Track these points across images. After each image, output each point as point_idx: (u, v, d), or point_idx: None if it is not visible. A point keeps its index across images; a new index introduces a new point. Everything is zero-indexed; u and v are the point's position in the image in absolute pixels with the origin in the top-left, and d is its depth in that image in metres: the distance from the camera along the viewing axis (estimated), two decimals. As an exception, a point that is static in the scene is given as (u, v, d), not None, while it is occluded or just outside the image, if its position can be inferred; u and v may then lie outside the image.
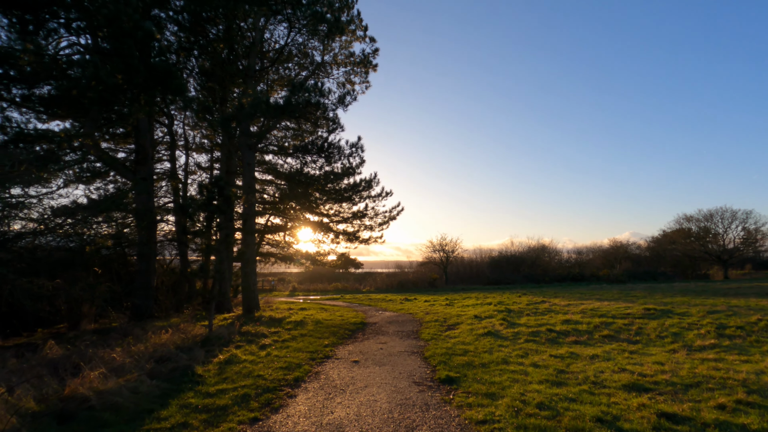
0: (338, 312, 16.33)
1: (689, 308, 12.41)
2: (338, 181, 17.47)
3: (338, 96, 12.13)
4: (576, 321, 10.73)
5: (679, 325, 9.68)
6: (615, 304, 14.03)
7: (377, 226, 19.89)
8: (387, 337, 10.24)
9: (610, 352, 7.36)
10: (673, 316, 10.99)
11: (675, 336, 8.68)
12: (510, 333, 9.65)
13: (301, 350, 8.27)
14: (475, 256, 51.53)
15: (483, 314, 12.91)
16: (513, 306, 14.73)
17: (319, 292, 35.91)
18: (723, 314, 11.09)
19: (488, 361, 6.96)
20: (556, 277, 43.23)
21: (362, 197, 18.58)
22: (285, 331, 10.52)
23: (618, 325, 9.95)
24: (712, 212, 44.27)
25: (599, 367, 6.22)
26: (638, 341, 8.40)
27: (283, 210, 20.03)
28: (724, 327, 9.23)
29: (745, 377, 5.30)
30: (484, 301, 17.82)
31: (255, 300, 13.84)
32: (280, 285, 45.38)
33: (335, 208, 19.39)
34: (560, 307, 14.26)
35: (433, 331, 10.59)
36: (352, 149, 13.53)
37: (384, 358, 7.67)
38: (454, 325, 11.49)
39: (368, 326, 12.22)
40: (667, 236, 49.14)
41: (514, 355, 7.42)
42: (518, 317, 12.11)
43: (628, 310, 12.27)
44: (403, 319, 13.82)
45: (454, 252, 43.50)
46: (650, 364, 6.19)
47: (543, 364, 6.61)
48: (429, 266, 44.82)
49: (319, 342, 9.23)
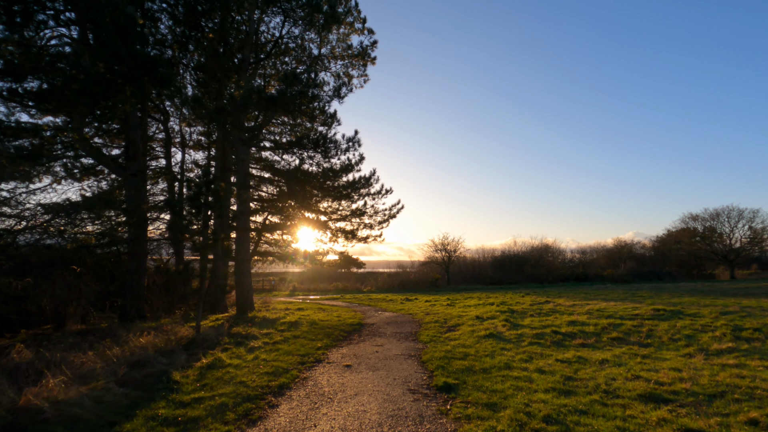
0: (336, 312, 15.86)
1: (700, 309, 11.87)
2: (337, 179, 17.02)
3: (333, 87, 11.66)
4: (582, 322, 10.22)
5: (691, 326, 9.16)
6: (622, 305, 13.50)
7: (377, 224, 19.41)
8: (384, 338, 9.76)
9: (621, 356, 6.85)
10: (684, 318, 10.46)
11: (689, 339, 8.16)
12: (513, 335, 9.15)
13: (292, 353, 7.80)
14: (478, 255, 51.03)
15: (485, 315, 12.42)
16: (516, 306, 14.23)
17: (319, 292, 35.47)
18: (737, 315, 10.55)
19: (490, 366, 6.47)
20: (559, 276, 42.64)
21: (361, 195, 18.10)
22: (277, 332, 10.06)
23: (627, 327, 9.43)
24: (718, 211, 43.55)
25: (610, 373, 5.72)
26: (650, 344, 7.88)
27: (280, 208, 19.60)
28: (739, 329, 8.71)
29: None
30: (486, 301, 17.32)
31: (249, 300, 13.39)
32: (280, 285, 44.98)
33: (334, 206, 18.92)
34: (565, 307, 13.74)
35: (433, 333, 10.11)
36: (348, 144, 13.08)
37: (379, 362, 7.19)
38: (455, 327, 11.01)
39: (365, 327, 11.75)
40: (672, 236, 48.42)
41: (517, 359, 6.93)
42: (521, 318, 11.60)
43: (636, 311, 11.75)
44: (402, 319, 13.35)
45: (456, 251, 42.95)
46: (666, 371, 5.69)
47: (549, 369, 6.12)
48: (431, 266, 44.31)
49: (312, 344, 8.76)
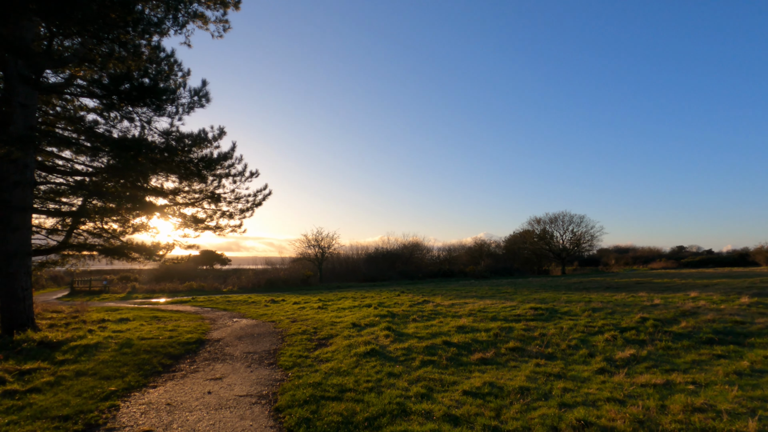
0: (174, 322, 12.24)
1: (569, 306, 11.90)
2: (185, 153, 13.25)
3: (172, 15, 8.24)
4: (471, 328, 9.00)
5: (576, 328, 8.59)
6: (500, 303, 13.05)
7: (238, 212, 15.99)
8: (228, 365, 6.99)
9: (536, 379, 5.47)
10: (563, 317, 10.10)
11: (585, 344, 7.40)
12: (400, 351, 7.32)
13: (45, 415, 4.56)
14: (352, 252, 50.06)
15: (363, 321, 10.50)
16: (395, 309, 12.70)
17: (167, 293, 29.65)
18: (603, 312, 10.64)
19: (377, 412, 4.39)
20: (428, 273, 44.11)
21: (218, 176, 14.61)
22: (52, 367, 6.43)
23: (518, 332, 8.45)
24: (557, 215, 50.42)
25: (545, 416, 4.13)
26: (554, 355, 6.83)
27: (104, 187, 14.76)
28: (620, 329, 8.38)
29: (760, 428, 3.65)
30: (362, 302, 15.56)
31: (24, 313, 9.01)
32: (119, 284, 36.93)
33: (182, 188, 14.99)
34: (445, 308, 12.72)
35: (298, 351, 7.72)
36: (194, 97, 9.66)
37: (203, 419, 4.51)
38: (327, 339, 8.79)
39: (207, 345, 8.71)
40: (519, 236, 54.75)
41: (413, 393, 5.01)
42: (404, 324, 9.99)
43: (515, 311, 11.19)
44: (261, 330, 10.60)
45: (331, 248, 40.96)
46: (605, 404, 4.35)
47: (462, 414, 4.29)
48: (303, 262, 41.47)
49: (100, 388, 5.53)
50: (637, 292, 16.34)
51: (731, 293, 14.56)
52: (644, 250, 63.41)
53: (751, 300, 11.50)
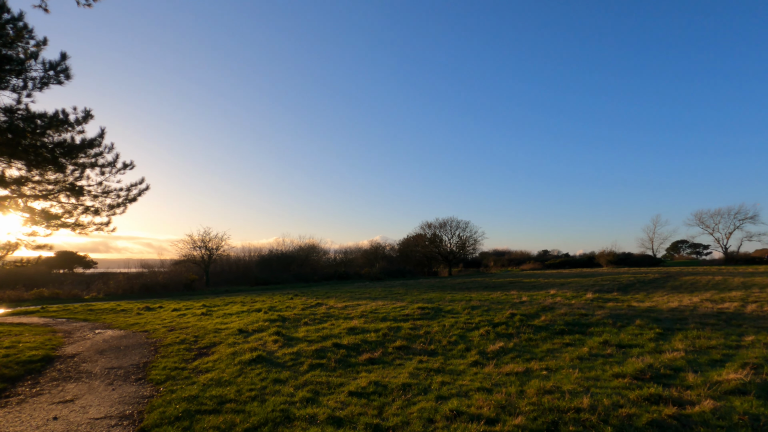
0: (14, 338, 10.18)
1: (453, 305, 12.89)
2: (36, 136, 11.14)
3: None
4: (362, 329, 9.18)
5: (457, 325, 9.35)
6: (390, 304, 13.56)
7: (106, 208, 13.99)
8: (84, 384, 6.03)
9: (418, 374, 5.79)
10: (447, 315, 10.89)
11: (464, 340, 8.07)
12: (288, 355, 7.12)
13: None
14: (244, 254, 47.41)
15: (251, 327, 9.98)
16: (287, 312, 12.35)
17: (7, 302, 24.48)
18: (480, 309, 11.76)
19: (258, 422, 4.19)
20: (324, 275, 43.87)
21: (79, 165, 12.61)
22: None
23: (405, 331, 8.87)
24: (446, 221, 54.21)
25: (423, 410, 4.37)
26: (435, 351, 7.31)
27: None
28: (493, 324, 9.36)
29: (592, 402, 4.33)
30: (252, 306, 14.81)
31: None
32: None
33: (30, 177, 12.57)
34: (338, 310, 12.78)
35: (174, 362, 7.01)
36: (48, 71, 8.04)
37: (48, 447, 3.83)
38: (209, 348, 8.16)
39: (56, 363, 7.41)
40: (412, 240, 57.80)
41: (298, 398, 4.91)
42: (295, 328, 9.76)
43: (404, 311, 11.74)
44: (130, 342, 9.39)
45: (219, 249, 38.10)
46: (475, 393, 4.79)
47: (346, 414, 4.33)
48: (187, 265, 37.85)
49: None
50: (510, 290, 18.44)
51: (580, 290, 17.25)
52: (517, 253, 71.94)
53: (593, 296, 13.78)
